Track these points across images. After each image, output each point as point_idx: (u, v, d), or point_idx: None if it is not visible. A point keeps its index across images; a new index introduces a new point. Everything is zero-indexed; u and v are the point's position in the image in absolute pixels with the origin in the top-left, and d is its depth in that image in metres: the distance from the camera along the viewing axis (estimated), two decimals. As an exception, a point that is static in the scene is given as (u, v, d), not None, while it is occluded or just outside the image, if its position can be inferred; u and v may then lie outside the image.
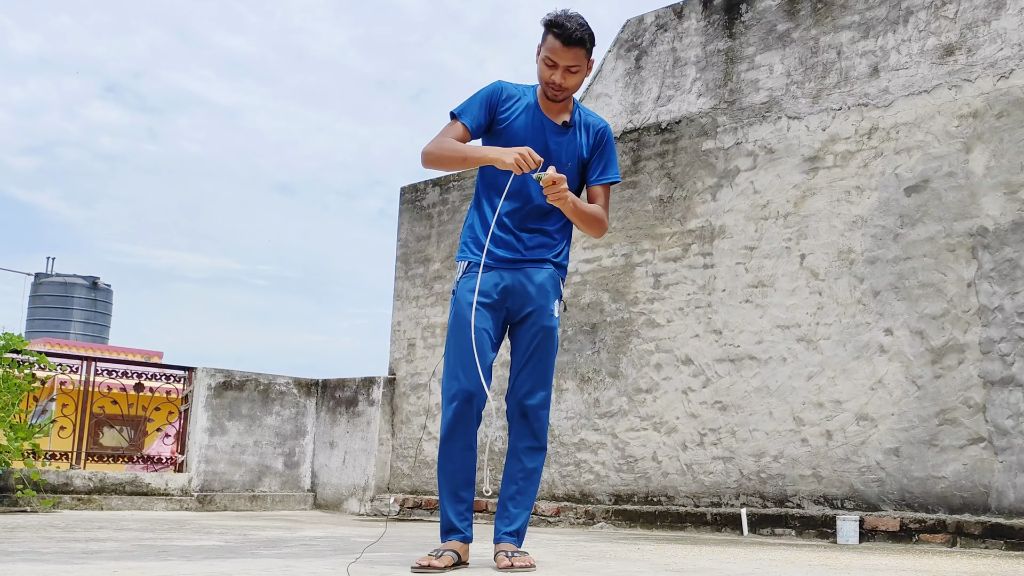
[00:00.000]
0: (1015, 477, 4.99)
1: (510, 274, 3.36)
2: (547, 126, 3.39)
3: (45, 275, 29.21)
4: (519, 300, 3.37)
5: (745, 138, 6.39)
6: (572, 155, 3.42)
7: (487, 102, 3.38)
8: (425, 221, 8.58)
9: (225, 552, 3.82)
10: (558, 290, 3.43)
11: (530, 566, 3.22)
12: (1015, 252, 5.15)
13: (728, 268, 6.32)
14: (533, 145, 3.34)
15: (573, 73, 3.29)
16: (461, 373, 3.28)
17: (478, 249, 3.37)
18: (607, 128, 3.50)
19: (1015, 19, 5.33)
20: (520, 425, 3.40)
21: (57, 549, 3.72)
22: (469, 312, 3.30)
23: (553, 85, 3.30)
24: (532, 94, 3.43)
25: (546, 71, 3.30)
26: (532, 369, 3.38)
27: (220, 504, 7.99)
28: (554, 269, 3.43)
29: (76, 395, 7.66)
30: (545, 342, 3.38)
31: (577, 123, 3.44)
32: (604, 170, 3.48)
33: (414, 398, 8.26)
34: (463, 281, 3.38)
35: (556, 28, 3.24)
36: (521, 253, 3.37)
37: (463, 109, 3.36)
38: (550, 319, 3.38)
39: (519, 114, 3.39)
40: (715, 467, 6.18)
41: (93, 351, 17.24)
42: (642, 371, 6.67)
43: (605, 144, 3.48)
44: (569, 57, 3.25)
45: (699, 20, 6.82)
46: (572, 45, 3.24)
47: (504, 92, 3.40)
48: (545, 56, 3.28)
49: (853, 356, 5.67)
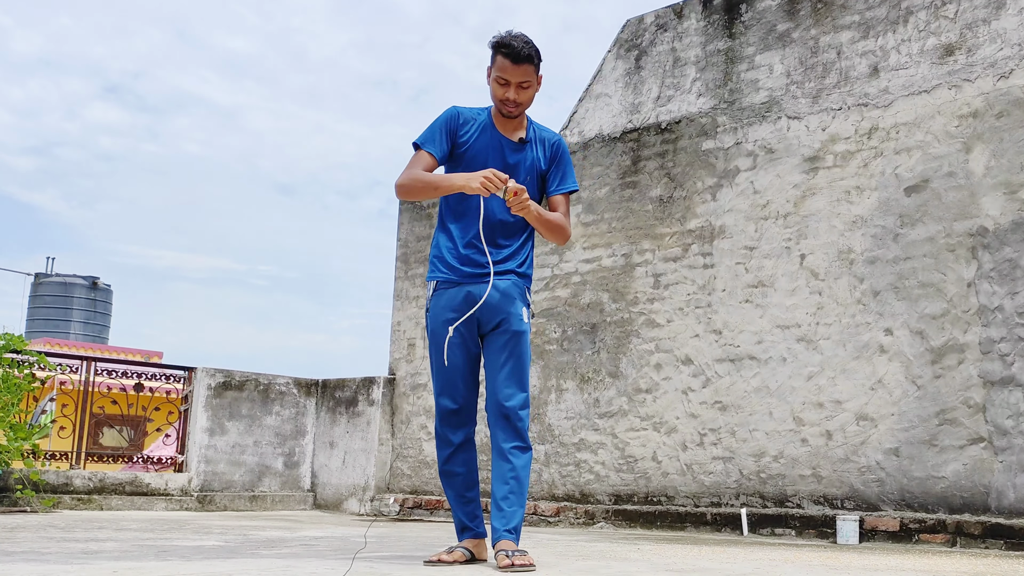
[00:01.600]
0: (1015, 477, 4.99)
1: (477, 287, 3.51)
2: (504, 144, 3.58)
3: (45, 275, 29.21)
4: (489, 311, 3.51)
5: (745, 138, 6.39)
6: (530, 169, 3.61)
7: (446, 128, 3.57)
8: (425, 221, 8.57)
9: (225, 552, 3.82)
10: (524, 298, 3.58)
11: (530, 565, 3.25)
12: (1015, 252, 5.15)
13: (728, 268, 6.32)
14: (494, 163, 3.54)
15: (525, 88, 3.48)
16: (446, 392, 3.55)
17: (445, 268, 3.56)
18: (561, 140, 3.71)
19: (1015, 19, 5.33)
20: (503, 428, 3.48)
21: (57, 549, 3.72)
22: (443, 330, 3.52)
23: (508, 102, 3.50)
24: (487, 115, 3.61)
25: (499, 90, 3.50)
26: (509, 373, 3.50)
27: (220, 504, 7.98)
28: (517, 278, 3.58)
29: (76, 395, 7.66)
30: (518, 346, 3.52)
31: (532, 139, 3.64)
32: (562, 180, 3.68)
33: (414, 398, 8.26)
34: (434, 299, 3.58)
35: (504, 48, 3.46)
36: (487, 267, 3.51)
37: (425, 139, 3.56)
38: (519, 323, 3.53)
39: (477, 136, 3.57)
40: (715, 467, 6.19)
41: (93, 351, 17.24)
42: (642, 371, 6.67)
43: (561, 156, 3.68)
44: (520, 73, 3.45)
45: (699, 20, 6.82)
46: (521, 62, 3.44)
47: (460, 116, 3.59)
48: (497, 76, 3.49)
49: (853, 356, 5.67)
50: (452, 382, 3.53)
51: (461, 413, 3.56)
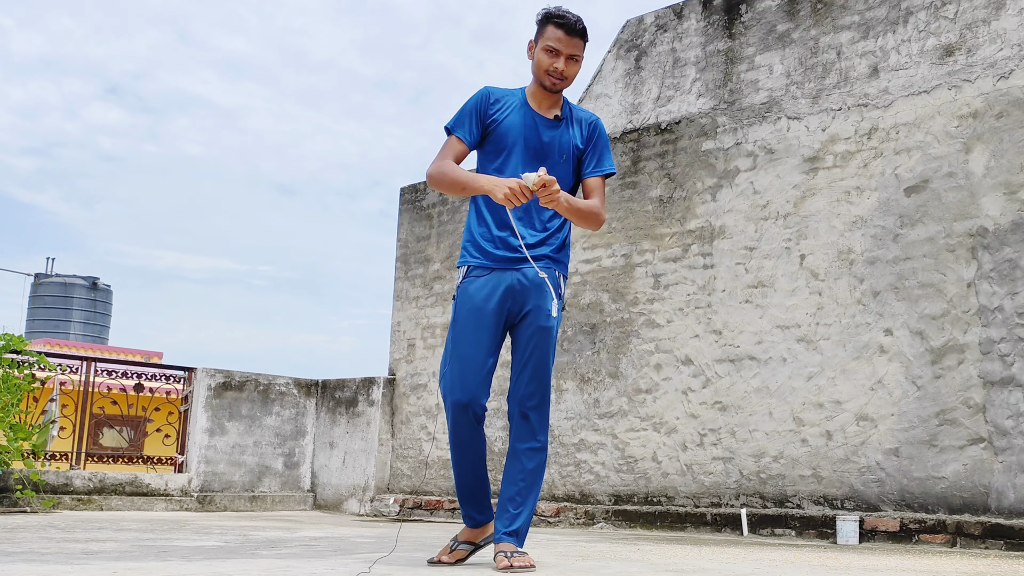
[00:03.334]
0: (1015, 477, 4.99)
1: (509, 274, 3.41)
2: (539, 121, 3.48)
3: (45, 275, 29.21)
4: (518, 300, 3.42)
5: (745, 138, 6.39)
6: (566, 148, 3.51)
7: (476, 111, 3.48)
8: (425, 221, 8.58)
9: (225, 552, 3.82)
10: (557, 289, 3.47)
11: (529, 566, 3.22)
12: (1015, 252, 5.15)
13: (728, 268, 6.32)
14: (525, 139, 3.44)
15: (575, 62, 3.42)
16: (458, 382, 3.39)
17: (478, 252, 3.45)
18: (598, 121, 3.60)
19: (1015, 19, 5.33)
20: (520, 426, 3.43)
21: (57, 550, 3.71)
22: (470, 318, 3.40)
23: (555, 72, 3.41)
24: (521, 93, 3.53)
25: (547, 60, 3.40)
26: (532, 372, 3.42)
27: (220, 504, 7.98)
28: (552, 263, 3.48)
29: (76, 395, 7.66)
30: (543, 344, 3.42)
31: (568, 117, 3.54)
32: (599, 162, 3.56)
33: (414, 398, 8.26)
34: (464, 284, 3.46)
35: (559, 19, 3.40)
36: (521, 252, 3.40)
37: (455, 123, 3.48)
38: (547, 319, 3.42)
39: (510, 113, 3.48)
40: (715, 467, 6.18)
41: (93, 351, 17.24)
42: (642, 371, 6.67)
43: (598, 137, 3.57)
44: (572, 46, 3.40)
45: (699, 20, 6.82)
46: (575, 35, 3.39)
47: (492, 96, 3.51)
48: (547, 46, 3.40)
49: (853, 356, 5.67)
50: (466, 370, 3.38)
51: (471, 406, 3.42)
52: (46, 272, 29.59)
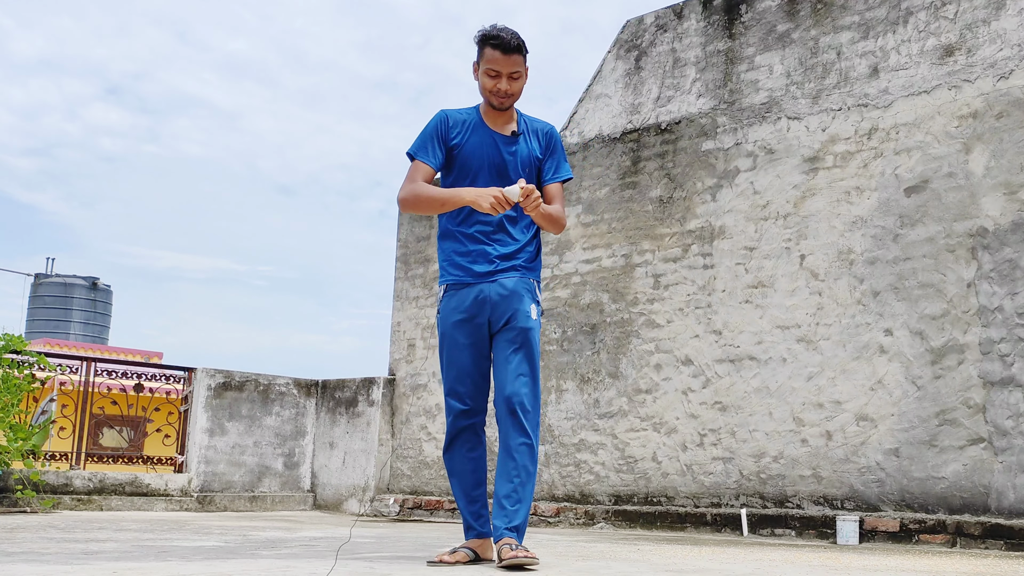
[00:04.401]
0: (1015, 477, 4.99)
1: (487, 286, 3.54)
2: (498, 140, 3.61)
3: (45, 275, 29.20)
4: (498, 308, 3.53)
5: (745, 139, 6.39)
6: (527, 162, 3.64)
7: (437, 135, 3.59)
8: (425, 222, 8.57)
9: (225, 553, 3.82)
10: (533, 295, 3.59)
11: (534, 558, 3.25)
12: (1015, 252, 5.15)
13: (728, 268, 6.32)
14: (489, 160, 3.57)
15: (515, 79, 3.53)
16: (457, 392, 3.57)
17: (455, 270, 3.59)
18: (553, 130, 3.75)
19: (1015, 19, 5.33)
20: (510, 423, 3.47)
21: (57, 550, 3.71)
22: (454, 332, 3.56)
23: (499, 93, 3.52)
24: (476, 114, 3.64)
25: (490, 82, 3.52)
26: (517, 366, 3.49)
27: (220, 505, 7.98)
28: (526, 272, 3.60)
29: (76, 396, 7.66)
30: (526, 342, 3.53)
31: (525, 130, 3.66)
32: (557, 169, 3.71)
33: (414, 399, 8.26)
34: (444, 300, 3.61)
35: (493, 40, 3.50)
36: (496, 264, 3.54)
37: (418, 148, 3.59)
38: (527, 320, 3.53)
39: (470, 135, 3.60)
40: (715, 467, 6.18)
41: (93, 351, 17.24)
42: (642, 371, 6.67)
43: (555, 145, 3.72)
44: (510, 64, 3.49)
45: (699, 20, 6.82)
46: (511, 52, 3.48)
47: (450, 119, 3.62)
48: (487, 68, 3.52)
49: (853, 356, 5.67)
50: (461, 384, 3.55)
51: (470, 414, 3.57)
52: (46, 272, 29.59)
